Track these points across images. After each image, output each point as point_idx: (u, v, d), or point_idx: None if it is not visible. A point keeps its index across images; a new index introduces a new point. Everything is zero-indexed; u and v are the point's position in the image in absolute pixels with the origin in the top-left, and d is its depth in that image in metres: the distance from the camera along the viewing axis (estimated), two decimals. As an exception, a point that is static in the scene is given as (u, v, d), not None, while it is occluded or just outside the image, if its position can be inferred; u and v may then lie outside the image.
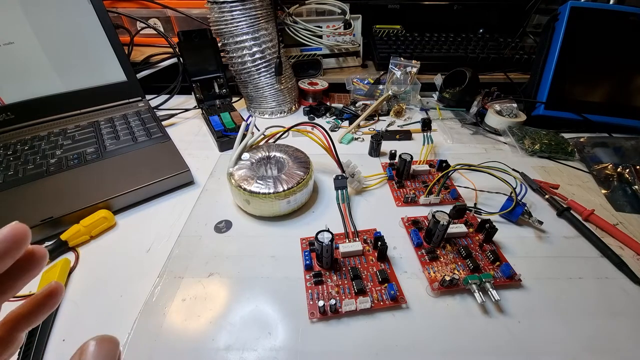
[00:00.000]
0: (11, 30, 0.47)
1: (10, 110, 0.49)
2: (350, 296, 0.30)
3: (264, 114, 0.62)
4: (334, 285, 0.31)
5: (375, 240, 0.34)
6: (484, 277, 0.31)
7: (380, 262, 0.34)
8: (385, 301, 0.30)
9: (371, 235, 0.36)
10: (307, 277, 0.32)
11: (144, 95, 0.59)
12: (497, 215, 0.39)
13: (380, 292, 0.31)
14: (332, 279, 0.32)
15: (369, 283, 0.32)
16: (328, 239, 0.30)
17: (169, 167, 0.44)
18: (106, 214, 0.38)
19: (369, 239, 0.36)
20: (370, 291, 0.31)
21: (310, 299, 0.30)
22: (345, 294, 0.31)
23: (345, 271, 0.32)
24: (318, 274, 0.32)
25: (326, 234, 0.31)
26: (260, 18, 0.53)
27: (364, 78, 0.69)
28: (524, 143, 0.53)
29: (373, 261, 0.34)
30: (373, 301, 0.30)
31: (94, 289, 0.32)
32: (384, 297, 0.30)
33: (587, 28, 0.56)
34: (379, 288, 0.31)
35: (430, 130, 0.55)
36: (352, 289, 0.31)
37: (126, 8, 0.68)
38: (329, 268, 0.33)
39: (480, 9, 0.81)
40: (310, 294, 0.31)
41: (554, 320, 0.30)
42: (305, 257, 0.33)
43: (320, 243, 0.30)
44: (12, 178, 0.41)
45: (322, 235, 0.31)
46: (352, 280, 0.31)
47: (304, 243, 0.36)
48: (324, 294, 0.31)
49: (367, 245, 0.35)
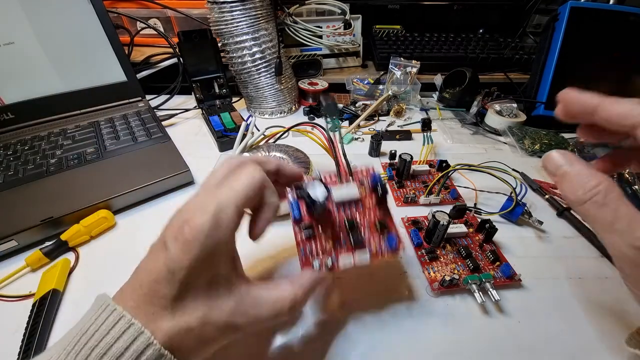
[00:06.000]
0: (11, 31, 0.47)
1: (10, 110, 0.49)
2: (346, 251, 0.27)
3: (264, 114, 0.62)
4: (327, 238, 0.27)
5: (374, 185, 0.28)
6: (484, 277, 0.31)
7: (379, 209, 0.29)
8: (384, 253, 0.27)
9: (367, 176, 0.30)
10: (296, 229, 0.27)
11: (144, 95, 0.59)
12: (497, 215, 0.39)
13: (378, 242, 0.27)
14: (325, 231, 0.27)
15: (366, 231, 0.28)
16: (323, 195, 0.25)
17: (169, 167, 0.44)
18: (106, 214, 0.38)
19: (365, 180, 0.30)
20: (368, 242, 0.27)
21: (302, 256, 0.26)
22: (341, 246, 0.27)
23: (340, 221, 0.28)
24: (309, 227, 0.27)
25: (319, 187, 0.25)
26: (260, 18, 0.53)
27: (364, 78, 0.69)
28: (524, 143, 0.53)
29: (371, 207, 0.29)
30: (372, 253, 0.27)
31: (94, 289, 0.32)
32: (383, 248, 0.27)
33: (587, 28, 0.56)
34: (377, 238, 0.28)
35: (430, 130, 0.55)
36: (349, 241, 0.27)
37: (126, 8, 0.68)
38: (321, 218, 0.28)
39: (480, 9, 0.81)
40: (302, 250, 0.26)
41: (554, 320, 0.30)
42: (293, 208, 0.27)
43: (313, 201, 0.25)
44: (12, 178, 0.41)
45: (315, 190, 0.25)
46: (349, 232, 0.27)
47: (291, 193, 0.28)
48: (317, 249, 0.27)
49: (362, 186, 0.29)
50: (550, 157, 0.22)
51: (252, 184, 0.22)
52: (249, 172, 0.22)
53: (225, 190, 0.21)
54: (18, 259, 0.35)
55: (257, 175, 0.22)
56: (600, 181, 0.20)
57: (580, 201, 0.20)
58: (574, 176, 0.21)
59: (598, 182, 0.20)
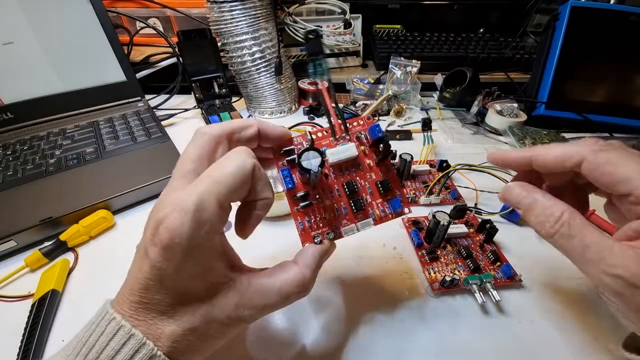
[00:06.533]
0: (10, 30, 0.47)
1: (9, 110, 0.49)
2: (348, 218, 0.25)
3: (264, 113, 0.62)
4: (327, 207, 0.25)
5: (376, 141, 0.25)
6: (485, 278, 0.31)
7: (380, 166, 0.26)
8: (389, 215, 0.25)
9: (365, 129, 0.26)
10: (290, 199, 0.24)
11: (143, 95, 0.58)
12: (497, 215, 0.38)
13: (382, 205, 0.25)
14: (322, 198, 0.25)
15: (368, 196, 0.25)
16: (317, 163, 0.22)
17: (168, 167, 0.43)
18: (105, 214, 0.37)
19: (363, 133, 0.26)
20: (371, 206, 0.25)
21: (302, 230, 0.24)
22: (342, 213, 0.25)
23: (338, 185, 0.25)
24: (305, 196, 0.24)
25: (312, 154, 0.22)
26: (260, 17, 0.53)
27: (364, 78, 0.68)
28: (525, 143, 0.53)
29: (371, 166, 0.26)
30: (375, 218, 0.25)
31: (93, 289, 0.32)
32: (387, 211, 0.25)
33: (587, 28, 0.55)
34: (380, 201, 0.26)
35: (430, 130, 0.55)
36: (350, 207, 0.25)
37: (125, 8, 0.68)
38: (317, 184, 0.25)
39: (481, 9, 0.81)
40: (300, 223, 0.24)
41: (555, 320, 0.30)
42: (285, 177, 0.24)
43: (307, 171, 0.22)
44: (12, 178, 0.41)
45: (309, 159, 0.22)
46: (349, 198, 0.25)
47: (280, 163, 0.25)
48: (317, 221, 0.24)
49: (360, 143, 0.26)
50: (510, 191, 0.23)
51: (240, 175, 0.18)
52: (236, 158, 0.19)
53: (207, 181, 0.18)
54: (17, 259, 0.34)
55: (247, 164, 0.19)
56: (562, 210, 0.20)
57: (549, 235, 0.21)
58: (537, 209, 0.21)
59: (560, 212, 0.20)
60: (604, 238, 0.19)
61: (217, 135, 0.21)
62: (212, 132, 0.21)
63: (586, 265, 0.19)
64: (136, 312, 0.18)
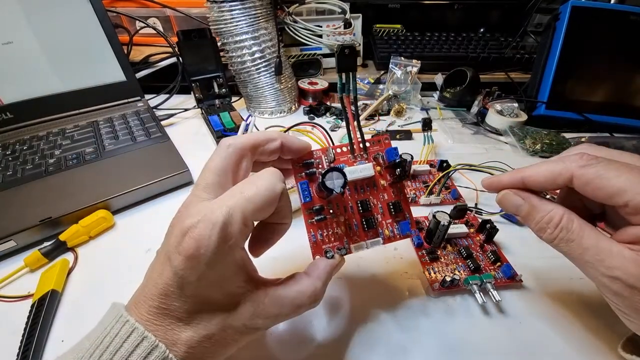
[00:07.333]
0: (10, 30, 0.47)
1: (9, 110, 0.49)
2: (358, 235, 0.26)
3: (264, 113, 0.62)
4: (339, 222, 0.25)
5: (394, 166, 0.26)
6: (485, 278, 0.30)
7: (393, 187, 0.27)
8: (397, 236, 0.26)
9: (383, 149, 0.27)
10: (306, 212, 0.25)
11: (143, 95, 0.58)
12: (498, 215, 0.38)
13: (391, 225, 0.26)
14: (336, 213, 0.25)
15: (379, 215, 0.26)
16: (340, 184, 0.23)
17: (168, 167, 0.43)
18: (105, 214, 0.37)
19: (380, 154, 0.27)
20: (381, 225, 0.26)
21: (314, 242, 0.25)
22: (353, 230, 0.26)
23: (352, 201, 0.26)
24: (320, 210, 0.25)
25: (336, 175, 0.23)
26: (260, 17, 0.53)
27: (364, 77, 0.68)
28: (525, 143, 0.53)
29: (384, 186, 0.27)
30: (384, 237, 0.26)
31: (92, 289, 0.32)
32: (396, 232, 0.26)
33: (588, 27, 0.55)
34: (390, 221, 0.27)
35: (430, 130, 0.54)
36: (361, 225, 0.26)
37: (125, 7, 0.68)
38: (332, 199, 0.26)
39: (481, 8, 0.81)
40: (313, 236, 0.25)
41: (555, 320, 0.29)
42: (304, 191, 0.24)
43: (330, 191, 0.23)
44: (11, 178, 0.41)
45: (332, 179, 0.23)
46: (361, 216, 0.26)
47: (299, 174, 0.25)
48: (329, 233, 0.25)
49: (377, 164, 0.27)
50: (507, 198, 0.23)
51: (270, 196, 0.19)
52: (269, 180, 0.20)
53: (237, 197, 0.18)
54: (17, 259, 0.34)
55: (277, 187, 0.20)
56: (561, 215, 0.20)
57: (549, 241, 0.21)
58: (536, 215, 0.21)
59: (559, 217, 0.20)
60: (602, 240, 0.19)
61: (241, 148, 0.21)
62: (237, 144, 0.21)
63: (586, 267, 0.20)
64: (154, 316, 0.18)
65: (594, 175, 0.19)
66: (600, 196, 0.19)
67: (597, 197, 0.19)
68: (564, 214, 0.20)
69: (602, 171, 0.19)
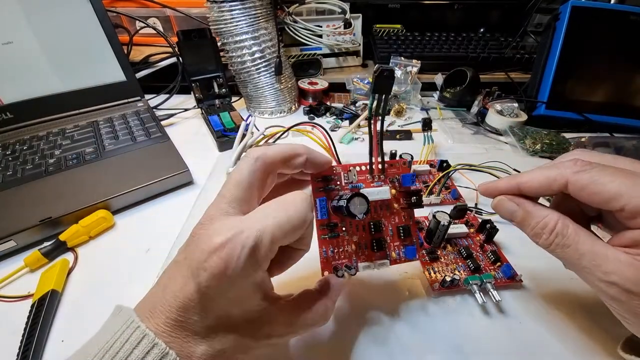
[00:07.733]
0: (10, 30, 0.47)
1: (9, 110, 0.49)
2: (367, 255, 0.27)
3: (264, 113, 0.62)
4: (350, 241, 0.26)
5: (407, 191, 0.27)
6: (485, 278, 0.30)
7: (404, 211, 0.28)
8: (403, 259, 0.27)
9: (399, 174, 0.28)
10: (320, 227, 0.26)
11: (143, 95, 0.58)
12: (498, 215, 0.38)
13: (398, 248, 0.27)
14: (349, 232, 0.26)
15: (388, 237, 0.27)
16: (363, 211, 0.23)
17: (168, 167, 0.43)
18: (105, 214, 0.37)
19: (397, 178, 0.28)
20: (389, 247, 0.27)
21: (324, 258, 0.25)
22: (362, 249, 0.26)
23: (365, 221, 0.26)
24: (334, 227, 0.25)
25: (360, 201, 0.23)
26: (260, 17, 0.53)
27: (364, 77, 0.68)
28: (525, 143, 0.53)
29: (396, 209, 0.28)
30: (390, 259, 0.27)
31: (92, 289, 0.32)
32: (402, 256, 0.27)
33: (588, 27, 0.55)
34: (398, 244, 0.27)
35: (430, 130, 0.54)
36: (371, 245, 0.27)
37: (125, 7, 0.68)
38: None
39: (481, 8, 0.81)
40: (324, 251, 0.25)
41: (555, 320, 0.29)
42: (322, 208, 0.25)
43: (353, 216, 0.23)
44: (11, 178, 0.41)
45: (356, 205, 0.23)
46: (372, 235, 0.26)
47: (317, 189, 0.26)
48: (339, 250, 0.26)
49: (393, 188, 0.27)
50: (502, 204, 0.23)
51: (299, 225, 0.19)
52: (300, 208, 0.20)
53: (269, 221, 0.18)
54: (17, 260, 0.34)
55: (308, 218, 0.20)
56: (555, 221, 0.20)
57: (545, 246, 0.21)
58: (531, 221, 0.21)
59: (554, 222, 0.20)
60: (598, 245, 0.19)
61: (270, 164, 0.22)
62: (267, 160, 0.21)
63: (583, 272, 0.20)
64: (171, 328, 0.18)
65: (588, 181, 0.19)
66: (596, 201, 0.19)
67: (592, 202, 0.20)
68: (559, 220, 0.20)
69: (596, 176, 0.19)
